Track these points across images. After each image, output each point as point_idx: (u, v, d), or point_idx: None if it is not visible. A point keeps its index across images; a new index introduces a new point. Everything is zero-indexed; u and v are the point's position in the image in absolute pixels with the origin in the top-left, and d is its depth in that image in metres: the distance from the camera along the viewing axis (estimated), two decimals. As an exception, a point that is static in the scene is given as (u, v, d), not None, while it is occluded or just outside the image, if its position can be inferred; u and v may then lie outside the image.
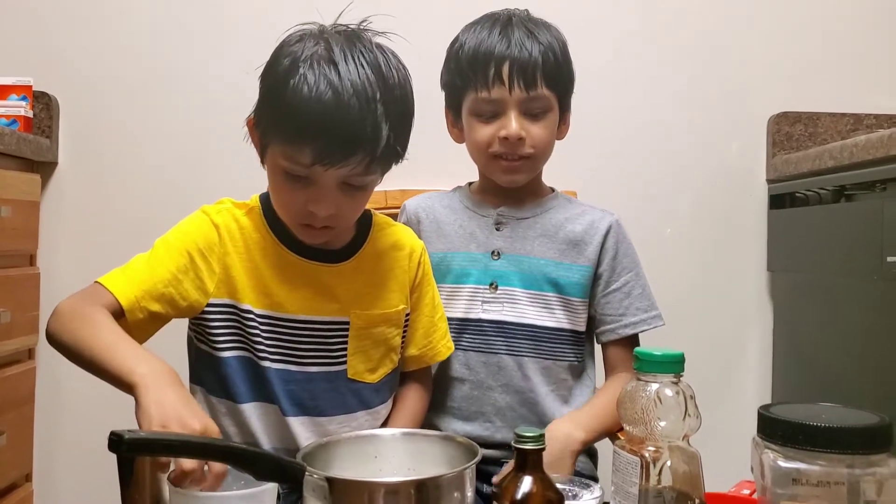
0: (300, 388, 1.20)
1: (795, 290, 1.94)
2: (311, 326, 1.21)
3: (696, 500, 0.83)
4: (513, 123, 1.34)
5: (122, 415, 1.15)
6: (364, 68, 1.07)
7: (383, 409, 1.29)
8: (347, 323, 1.23)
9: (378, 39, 1.16)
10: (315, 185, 1.11)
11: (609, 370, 1.43)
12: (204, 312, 1.19)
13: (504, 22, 1.38)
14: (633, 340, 1.41)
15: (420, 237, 1.41)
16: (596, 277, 1.41)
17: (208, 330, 1.20)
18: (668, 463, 0.83)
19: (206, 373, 1.23)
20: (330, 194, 1.12)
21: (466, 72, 1.37)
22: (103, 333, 1.03)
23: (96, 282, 1.11)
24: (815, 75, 2.09)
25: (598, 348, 1.48)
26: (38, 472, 1.93)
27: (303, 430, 1.20)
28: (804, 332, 1.90)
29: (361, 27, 1.15)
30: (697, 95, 2.08)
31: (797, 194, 1.94)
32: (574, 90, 1.45)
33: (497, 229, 1.42)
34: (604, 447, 1.47)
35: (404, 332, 1.31)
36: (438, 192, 1.54)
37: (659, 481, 0.82)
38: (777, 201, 2.03)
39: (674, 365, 0.86)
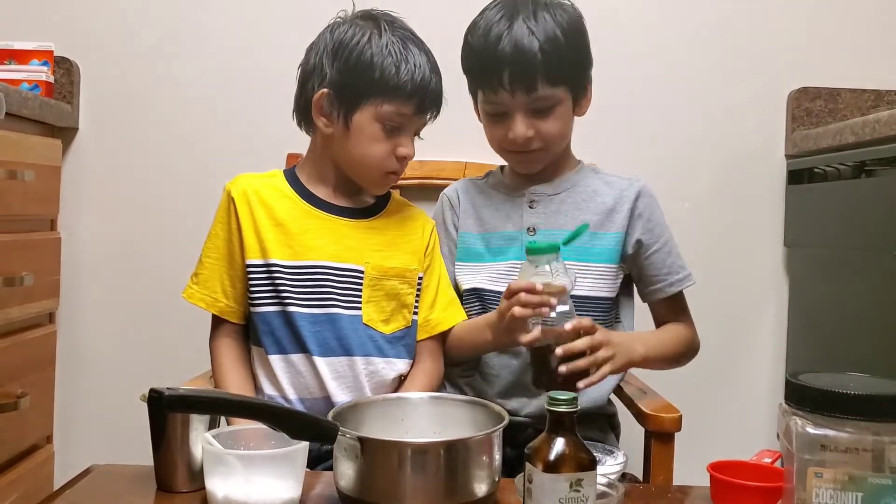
0: (324, 329, 1.33)
1: (812, 265, 1.94)
2: (330, 271, 1.35)
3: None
4: (518, 126, 1.38)
5: (140, 378, 1.17)
6: (420, 47, 1.36)
7: (400, 364, 1.37)
8: (363, 271, 1.36)
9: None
10: (402, 133, 1.36)
11: (659, 324, 1.51)
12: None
13: (510, 13, 1.36)
14: (678, 296, 1.47)
15: (458, 220, 1.52)
16: (633, 242, 1.44)
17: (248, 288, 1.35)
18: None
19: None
20: (412, 138, 1.38)
21: (473, 72, 1.44)
22: (226, 387, 1.33)
23: (182, 295, 1.37)
24: (836, 51, 2.08)
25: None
26: (59, 433, 1.95)
27: (328, 370, 1.32)
28: (820, 308, 1.90)
29: (381, 11, 1.39)
30: (717, 70, 2.06)
31: (816, 170, 1.93)
32: (592, 65, 1.44)
33: (531, 207, 1.46)
34: (626, 420, 1.49)
35: (417, 295, 1.40)
36: (473, 178, 1.60)
37: None
38: (795, 177, 2.03)
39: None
